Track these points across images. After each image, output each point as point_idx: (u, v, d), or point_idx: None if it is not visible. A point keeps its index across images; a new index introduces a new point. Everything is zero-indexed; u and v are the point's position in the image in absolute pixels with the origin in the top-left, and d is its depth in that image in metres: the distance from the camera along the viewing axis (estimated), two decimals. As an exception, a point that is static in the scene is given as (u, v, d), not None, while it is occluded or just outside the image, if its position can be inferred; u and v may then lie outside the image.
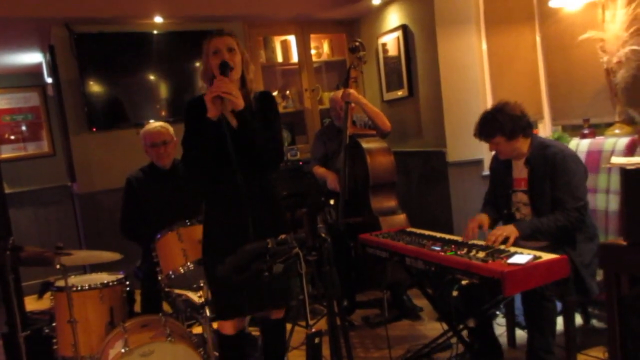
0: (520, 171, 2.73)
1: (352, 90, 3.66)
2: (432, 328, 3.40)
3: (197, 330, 3.07)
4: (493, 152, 2.86)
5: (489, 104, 4.07)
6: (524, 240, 2.54)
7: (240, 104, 2.18)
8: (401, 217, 3.54)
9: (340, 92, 3.95)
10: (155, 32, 4.38)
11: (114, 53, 4.24)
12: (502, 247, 2.42)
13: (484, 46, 4.06)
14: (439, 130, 4.11)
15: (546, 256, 2.21)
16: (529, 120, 2.66)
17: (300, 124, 5.07)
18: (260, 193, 2.34)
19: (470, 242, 2.57)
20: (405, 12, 4.39)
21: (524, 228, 2.53)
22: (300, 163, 4.62)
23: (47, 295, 2.80)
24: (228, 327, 2.39)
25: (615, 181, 2.77)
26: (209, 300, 2.64)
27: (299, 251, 1.87)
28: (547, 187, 2.59)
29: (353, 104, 3.68)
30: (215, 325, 2.57)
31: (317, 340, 1.99)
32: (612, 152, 2.80)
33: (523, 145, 2.67)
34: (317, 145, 4.04)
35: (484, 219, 2.76)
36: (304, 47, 4.99)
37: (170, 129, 3.28)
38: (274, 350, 2.58)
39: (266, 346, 2.62)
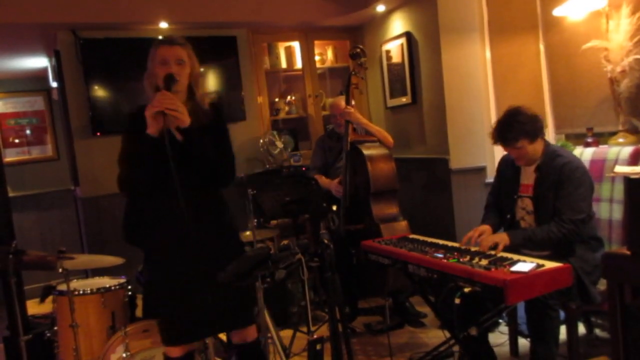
0: (528, 177, 2.72)
1: (352, 110, 3.68)
2: (434, 336, 3.39)
3: (199, 335, 3.06)
4: (499, 157, 2.85)
5: (493, 112, 4.07)
6: (521, 248, 2.54)
7: (186, 120, 2.01)
8: (402, 224, 3.53)
9: (339, 98, 3.95)
10: (160, 38, 4.39)
11: (119, 58, 4.25)
12: (492, 252, 2.44)
13: (488, 54, 4.06)
14: (442, 137, 4.11)
15: (549, 264, 2.20)
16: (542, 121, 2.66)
17: (303, 130, 5.08)
18: (206, 213, 2.16)
19: (467, 248, 2.58)
20: (409, 19, 4.40)
21: (516, 236, 2.55)
22: (303, 169, 4.62)
23: (49, 299, 2.81)
24: (175, 350, 2.15)
25: (618, 190, 2.77)
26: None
27: (301, 257, 1.87)
28: (551, 196, 2.59)
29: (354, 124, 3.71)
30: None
31: (318, 346, 1.99)
32: (615, 161, 2.79)
33: (539, 148, 2.66)
34: (317, 154, 4.04)
35: (487, 229, 2.75)
36: (307, 54, 5.01)
37: None
38: None
39: None
